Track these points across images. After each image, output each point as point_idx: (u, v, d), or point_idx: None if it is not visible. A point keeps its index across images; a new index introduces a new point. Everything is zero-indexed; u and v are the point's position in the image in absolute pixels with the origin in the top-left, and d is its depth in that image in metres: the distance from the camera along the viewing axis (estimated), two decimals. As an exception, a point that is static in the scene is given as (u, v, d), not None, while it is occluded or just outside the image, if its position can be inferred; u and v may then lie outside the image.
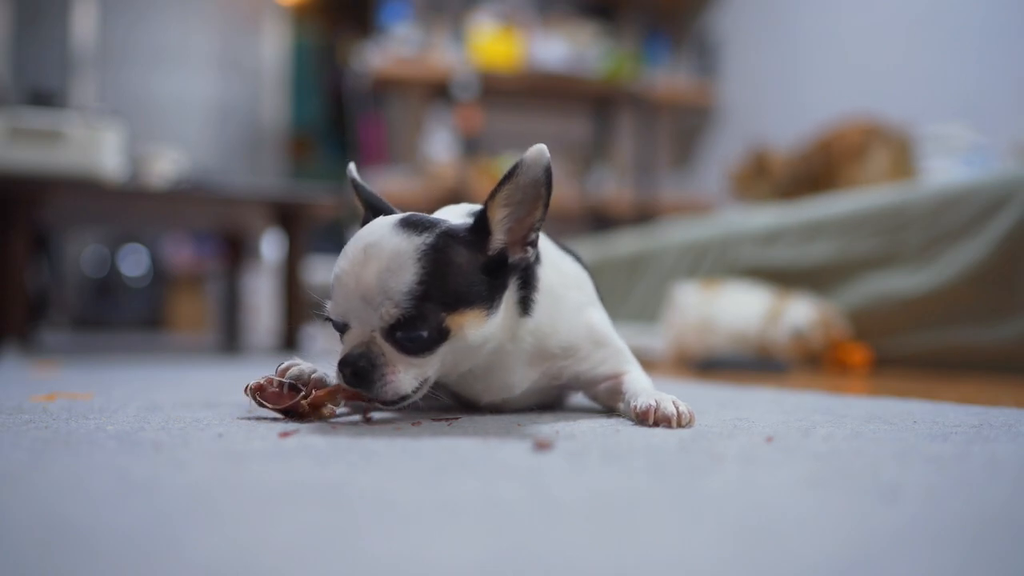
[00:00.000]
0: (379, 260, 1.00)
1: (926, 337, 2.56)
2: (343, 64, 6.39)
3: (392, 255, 1.00)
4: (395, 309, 0.99)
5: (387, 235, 1.02)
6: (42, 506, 0.63)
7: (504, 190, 1.03)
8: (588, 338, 1.20)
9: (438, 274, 1.00)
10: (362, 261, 1.01)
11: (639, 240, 4.26)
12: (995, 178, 2.48)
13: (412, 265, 0.99)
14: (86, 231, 6.30)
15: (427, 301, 0.99)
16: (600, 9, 6.31)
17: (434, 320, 1.00)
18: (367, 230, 1.05)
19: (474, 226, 1.05)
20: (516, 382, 1.17)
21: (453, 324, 1.02)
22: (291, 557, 0.50)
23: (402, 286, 0.99)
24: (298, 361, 1.15)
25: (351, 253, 1.03)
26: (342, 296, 1.03)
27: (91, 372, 2.17)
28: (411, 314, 0.99)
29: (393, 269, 0.99)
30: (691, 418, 1.09)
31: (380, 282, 0.99)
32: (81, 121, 3.21)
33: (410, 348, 1.02)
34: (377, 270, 0.99)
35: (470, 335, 1.03)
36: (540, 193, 1.03)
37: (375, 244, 1.01)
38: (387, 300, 0.99)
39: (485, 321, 1.04)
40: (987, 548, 0.55)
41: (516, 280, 1.10)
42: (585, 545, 0.54)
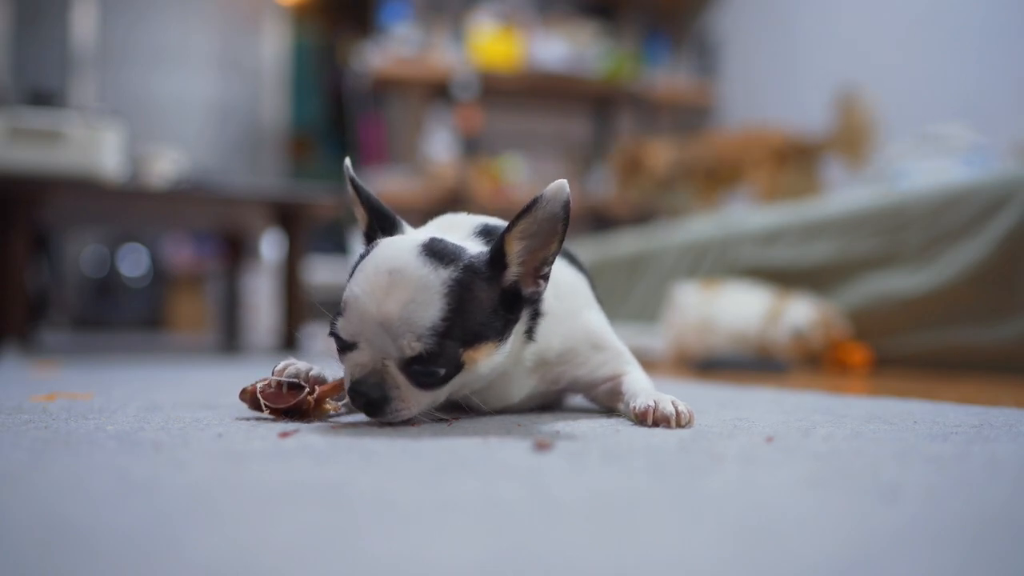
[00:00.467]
0: (404, 290, 0.96)
1: (926, 337, 2.56)
2: (343, 64, 6.39)
3: (419, 287, 0.97)
4: (417, 343, 0.96)
5: (412, 263, 0.98)
6: (42, 506, 0.63)
7: (522, 223, 1.01)
8: (586, 342, 1.20)
9: (462, 311, 0.98)
10: (385, 288, 0.97)
11: (639, 240, 4.26)
12: (995, 178, 2.48)
13: (439, 300, 0.97)
14: (86, 231, 6.30)
15: (449, 338, 0.97)
16: (600, 9, 6.31)
17: (453, 357, 0.99)
18: (389, 252, 1.01)
19: (491, 258, 1.03)
20: (515, 393, 1.17)
21: (468, 359, 1.01)
22: (291, 557, 0.50)
23: (427, 321, 0.96)
24: (293, 360, 1.15)
25: (372, 276, 0.99)
26: (358, 318, 0.98)
27: (91, 372, 2.17)
28: (433, 351, 0.97)
29: (419, 302, 0.96)
30: (691, 418, 1.09)
31: (405, 314, 0.96)
32: (81, 121, 3.21)
33: (424, 383, 1.00)
34: (402, 301, 0.96)
35: (482, 367, 1.03)
36: (557, 229, 1.01)
37: (400, 271, 0.97)
38: (409, 333, 0.96)
39: (496, 353, 1.04)
40: (987, 548, 0.55)
41: (526, 313, 1.09)
42: (585, 545, 0.54)
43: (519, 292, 1.05)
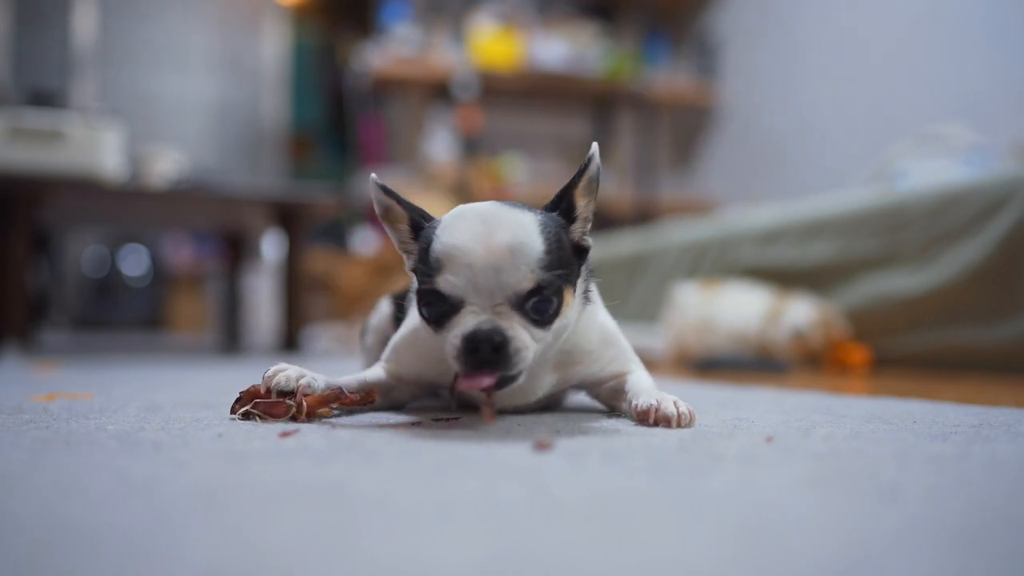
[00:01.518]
0: (506, 230, 0.98)
1: (926, 337, 2.56)
2: (343, 64, 6.39)
3: (518, 225, 0.99)
4: (532, 274, 0.98)
5: (500, 210, 1.01)
6: (42, 506, 0.63)
7: (583, 180, 1.07)
8: (602, 340, 1.21)
9: (557, 246, 1.02)
10: (486, 233, 0.98)
11: (639, 240, 4.26)
12: (995, 178, 2.48)
13: (539, 235, 1.00)
14: (86, 231, 6.30)
15: (554, 269, 1.00)
16: (600, 9, 6.31)
17: (560, 290, 1.01)
18: (468, 210, 1.03)
19: (560, 211, 1.07)
20: (539, 387, 1.17)
21: (567, 298, 1.03)
22: (291, 557, 0.50)
23: (535, 253, 0.98)
24: (284, 366, 1.14)
25: (467, 227, 0.99)
26: (465, 269, 0.97)
27: (91, 372, 2.17)
28: (546, 281, 0.99)
29: (523, 240, 0.98)
30: (691, 418, 1.09)
31: (512, 252, 0.97)
32: (81, 121, 3.21)
33: (538, 319, 1.00)
34: (506, 241, 0.98)
35: (569, 313, 1.05)
36: (594, 187, 1.08)
37: (494, 216, 1.00)
38: (523, 266, 0.97)
39: (573, 302, 1.07)
40: (987, 548, 0.55)
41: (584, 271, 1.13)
42: (585, 545, 0.54)
43: (582, 244, 1.09)
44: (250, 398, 1.11)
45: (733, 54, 5.84)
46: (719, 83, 5.95)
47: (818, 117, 5.00)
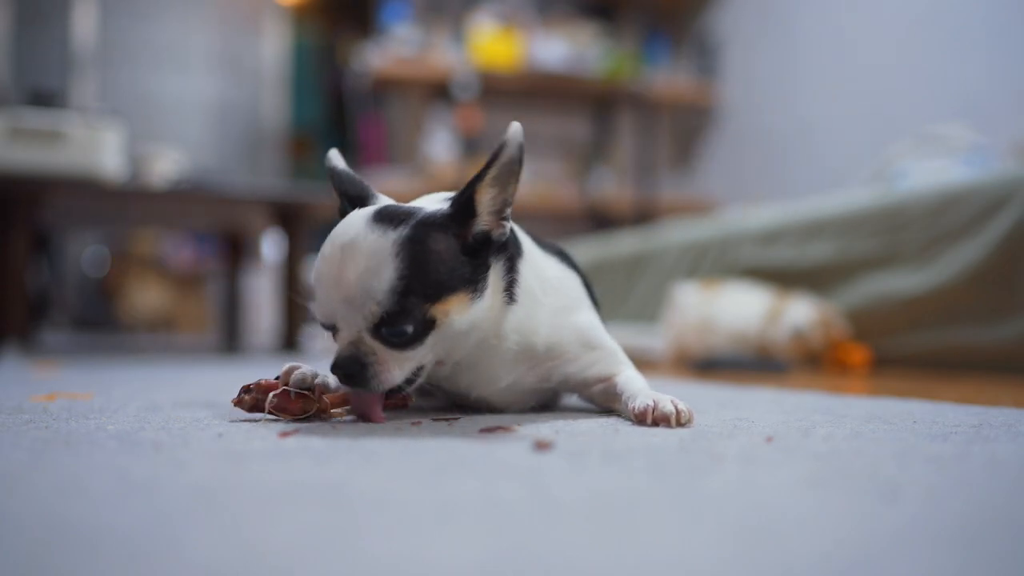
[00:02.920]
0: (357, 261, 0.99)
1: (926, 337, 2.55)
2: (343, 64, 6.39)
3: (370, 254, 0.99)
4: (377, 307, 0.99)
5: (362, 232, 1.01)
6: (42, 506, 0.63)
7: (492, 171, 1.04)
8: (576, 341, 1.20)
9: (418, 266, 1.00)
10: (339, 262, 1.00)
11: (639, 240, 4.26)
12: (995, 178, 2.48)
13: (391, 261, 0.99)
14: (86, 231, 6.30)
15: (409, 295, 0.99)
16: (600, 9, 6.31)
17: (418, 313, 1.00)
18: (342, 228, 1.04)
19: (457, 209, 1.05)
20: (502, 375, 1.17)
21: (438, 313, 1.02)
22: (291, 557, 0.50)
23: (383, 284, 0.99)
24: (299, 365, 1.15)
25: (328, 254, 1.03)
26: (324, 298, 1.03)
27: (91, 372, 2.17)
28: (394, 310, 0.99)
29: (372, 268, 0.99)
30: (690, 417, 1.09)
31: (361, 283, 0.99)
32: (81, 121, 3.21)
33: (397, 343, 1.02)
34: (356, 271, 0.99)
35: (456, 321, 1.04)
36: (515, 169, 1.04)
37: (351, 244, 1.01)
38: (369, 299, 0.99)
39: (470, 305, 1.05)
40: (987, 548, 0.55)
41: (502, 267, 1.10)
42: (585, 545, 0.54)
43: (488, 237, 1.06)
44: (262, 391, 1.11)
45: (733, 54, 5.84)
46: (719, 83, 5.95)
47: (818, 117, 4.99)
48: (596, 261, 4.16)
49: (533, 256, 1.18)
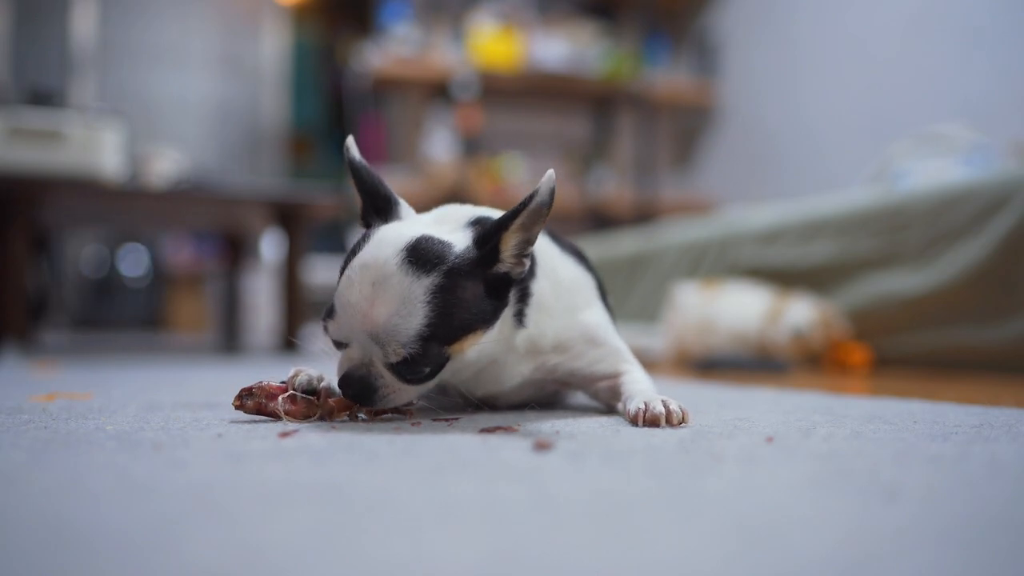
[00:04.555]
0: (388, 302, 1.00)
1: (926, 337, 2.55)
2: (343, 64, 6.39)
3: (402, 299, 1.00)
4: (402, 350, 1.00)
5: (395, 272, 1.00)
6: (42, 506, 0.63)
7: (520, 219, 1.04)
8: (581, 337, 1.21)
9: (446, 315, 1.01)
10: (370, 297, 1.01)
11: (639, 240, 4.26)
12: (995, 178, 2.47)
13: (421, 309, 1.00)
14: (86, 231, 6.29)
15: (433, 341, 1.01)
16: (600, 9, 6.31)
17: (437, 357, 1.03)
18: (372, 254, 1.03)
19: (484, 254, 1.05)
20: (508, 378, 1.19)
21: (454, 351, 1.04)
22: (291, 557, 0.50)
23: (411, 330, 1.00)
24: (304, 368, 1.15)
25: (358, 285, 1.02)
26: (347, 324, 1.03)
27: (91, 372, 2.17)
28: (417, 355, 1.01)
29: (403, 314, 1.00)
30: (684, 416, 1.09)
31: (389, 325, 1.00)
32: (81, 121, 3.21)
33: (410, 380, 1.05)
34: (387, 312, 1.00)
35: (469, 355, 1.06)
36: (542, 214, 1.04)
37: (383, 281, 1.00)
38: (394, 341, 1.00)
39: (483, 338, 1.07)
40: (987, 548, 0.55)
41: (514, 295, 1.11)
42: (585, 545, 0.54)
43: (508, 278, 1.07)
44: (265, 395, 1.10)
45: (733, 54, 5.84)
46: (719, 83, 5.95)
47: (818, 117, 4.99)
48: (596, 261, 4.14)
49: (550, 261, 1.19)
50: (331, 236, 6.00)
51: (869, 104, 4.62)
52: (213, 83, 7.03)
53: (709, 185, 6.05)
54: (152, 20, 6.87)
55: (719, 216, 4.66)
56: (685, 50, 6.28)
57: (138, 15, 6.80)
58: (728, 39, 5.89)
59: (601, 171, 6.04)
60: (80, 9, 6.43)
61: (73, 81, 6.34)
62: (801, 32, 5.18)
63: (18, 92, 5.47)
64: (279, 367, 1.17)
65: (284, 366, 1.19)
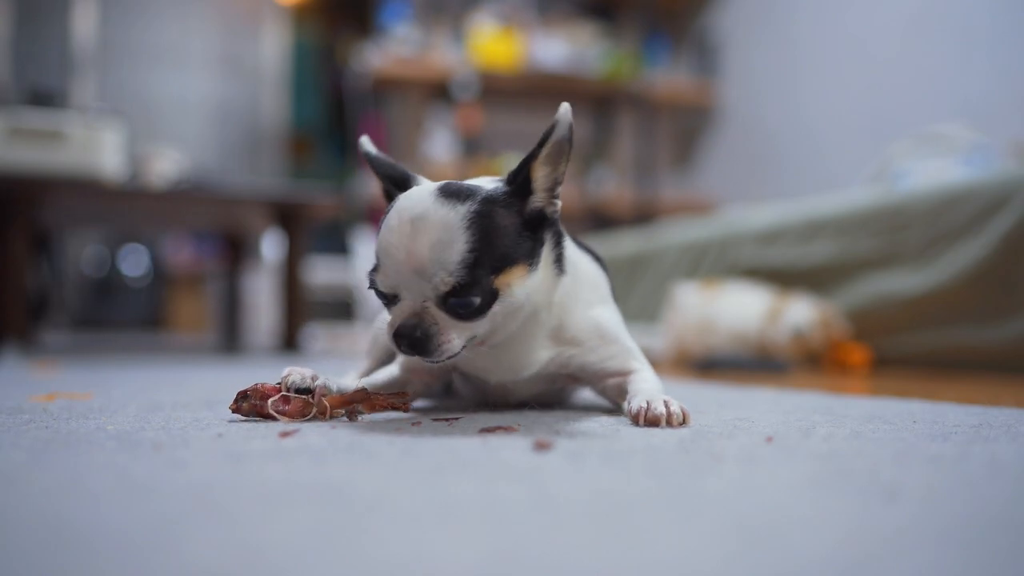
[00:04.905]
0: (429, 233, 1.01)
1: (926, 337, 2.55)
2: (343, 64, 6.39)
3: (441, 227, 1.01)
4: (450, 278, 1.01)
5: (431, 206, 1.03)
6: (42, 506, 0.63)
7: (544, 150, 1.07)
8: (595, 333, 1.22)
9: (486, 240, 1.03)
10: (411, 234, 1.02)
11: (639, 240, 4.26)
12: (995, 178, 2.48)
13: (462, 234, 1.01)
14: (86, 231, 6.30)
15: (478, 268, 1.02)
16: (600, 9, 6.31)
17: (486, 284, 1.03)
18: (408, 201, 1.06)
19: (515, 187, 1.08)
20: (529, 363, 1.19)
21: (501, 284, 1.05)
22: (291, 557, 0.50)
23: (455, 256, 1.01)
24: (297, 368, 1.15)
25: (397, 227, 1.04)
26: (393, 269, 1.04)
27: (91, 372, 2.17)
28: (465, 281, 1.01)
29: (444, 241, 1.01)
30: (684, 417, 1.09)
31: (433, 254, 1.01)
32: (81, 121, 3.21)
33: (463, 314, 1.04)
34: (429, 243, 1.01)
35: (517, 292, 1.07)
36: (564, 148, 1.07)
37: (422, 216, 1.02)
38: (441, 270, 1.01)
39: (528, 277, 1.08)
40: (987, 548, 0.55)
41: (551, 241, 1.14)
42: (585, 545, 0.54)
43: (543, 214, 1.10)
44: (260, 396, 1.11)
45: (733, 54, 5.84)
46: (719, 83, 5.95)
47: (818, 117, 4.99)
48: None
49: (570, 248, 1.23)
50: (331, 236, 6.01)
51: (869, 104, 4.62)
52: (213, 83, 7.03)
53: (709, 185, 6.05)
54: (152, 20, 6.87)
55: (719, 216, 4.67)
56: (685, 50, 6.28)
57: (138, 15, 6.80)
58: (728, 39, 5.89)
59: (601, 171, 6.04)
60: (80, 9, 6.43)
61: (73, 81, 6.35)
62: (801, 32, 5.18)
63: (18, 92, 5.48)
64: (279, 367, 1.17)
65: (284, 366, 1.18)
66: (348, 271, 5.74)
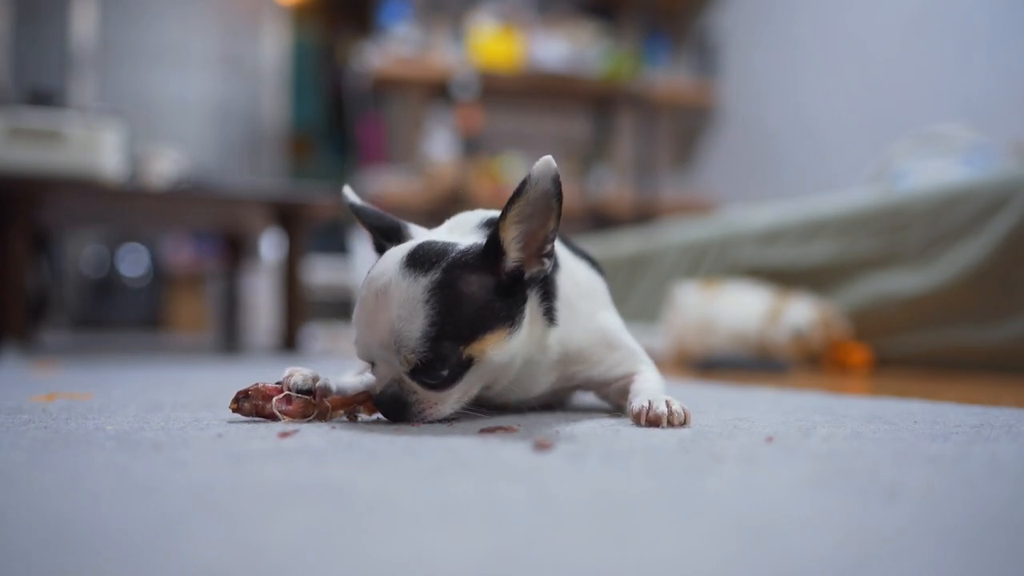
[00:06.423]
0: (390, 309, 1.01)
1: (926, 337, 2.55)
2: (343, 64, 6.39)
3: (401, 302, 1.00)
4: (412, 355, 1.00)
5: (395, 278, 1.01)
6: (42, 506, 0.63)
7: (515, 208, 1.02)
8: (601, 342, 1.21)
9: (450, 311, 1.00)
10: (374, 310, 1.02)
11: (639, 240, 4.26)
12: (995, 178, 2.48)
13: (422, 308, 1.00)
14: (86, 231, 6.29)
15: (442, 340, 1.00)
16: (600, 9, 6.31)
17: (453, 357, 1.01)
18: (378, 270, 1.05)
19: (486, 248, 1.04)
20: (535, 388, 1.19)
21: (475, 352, 1.03)
22: (291, 557, 0.50)
23: (415, 332, 0.99)
24: (299, 368, 1.14)
25: (365, 299, 1.04)
26: (363, 340, 1.05)
27: (91, 372, 2.17)
28: (428, 357, 1.00)
29: (404, 317, 1.00)
30: (685, 417, 1.08)
31: (393, 331, 1.00)
32: (81, 121, 3.21)
33: (435, 386, 1.04)
34: (389, 320, 1.01)
35: (495, 357, 1.04)
36: (551, 204, 1.02)
37: (384, 290, 1.02)
38: (403, 347, 1.00)
39: (507, 340, 1.05)
40: (987, 548, 0.55)
41: (538, 292, 1.10)
42: (585, 545, 0.54)
43: (520, 273, 1.05)
44: (262, 397, 1.11)
45: (733, 54, 5.84)
46: (719, 83, 5.95)
47: (818, 117, 5.00)
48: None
49: (565, 262, 1.20)
50: (331, 236, 6.00)
51: (869, 104, 4.62)
52: (213, 83, 7.03)
53: (709, 185, 6.05)
54: (152, 20, 6.87)
55: (719, 216, 4.66)
56: (685, 50, 6.28)
57: (138, 15, 6.80)
58: (728, 39, 5.89)
59: (601, 171, 6.04)
60: (80, 9, 6.43)
61: (73, 81, 6.34)
62: (801, 32, 5.18)
63: (18, 92, 5.47)
64: (279, 367, 1.17)
65: (284, 366, 1.18)
66: (348, 271, 5.74)
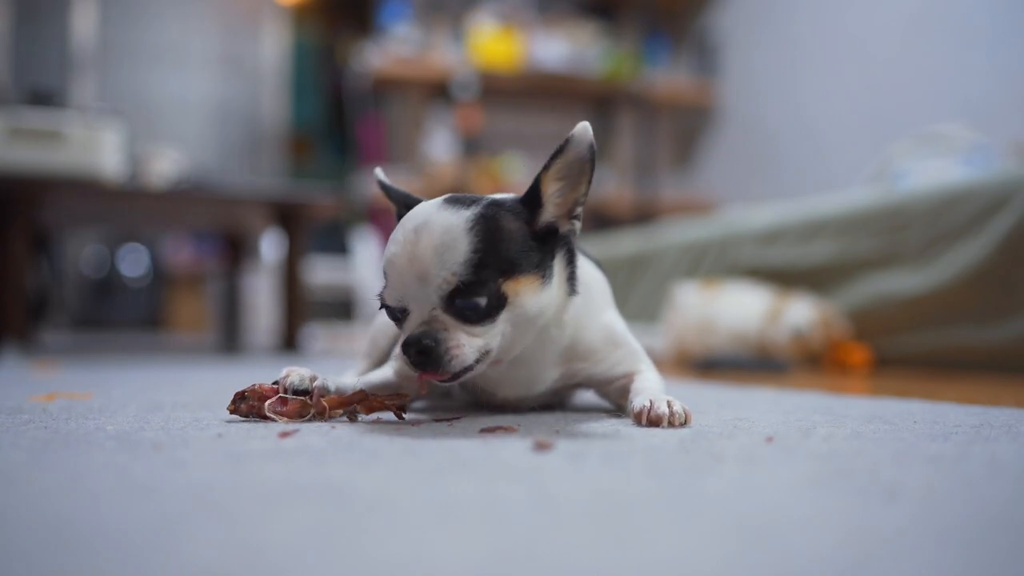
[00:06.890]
0: (431, 237, 1.01)
1: (926, 337, 2.55)
2: (343, 64, 6.39)
3: (444, 230, 1.01)
4: (453, 277, 1.00)
5: (435, 214, 1.03)
6: (42, 506, 0.63)
7: (556, 164, 1.05)
8: (606, 340, 1.22)
9: (491, 241, 1.01)
10: (414, 241, 1.02)
11: (639, 240, 4.26)
12: (995, 178, 2.48)
13: (464, 235, 1.01)
14: (86, 231, 6.29)
15: (483, 268, 1.00)
16: (600, 9, 6.31)
17: (492, 286, 1.01)
18: (413, 213, 1.06)
19: (525, 198, 1.07)
20: (540, 381, 1.19)
21: (510, 290, 1.03)
22: (291, 557, 0.50)
23: (458, 256, 1.00)
24: (296, 368, 1.14)
25: (401, 237, 1.03)
26: (397, 279, 1.03)
27: (91, 372, 2.17)
28: (469, 280, 1.00)
29: (447, 243, 1.00)
30: (686, 417, 1.08)
31: (435, 256, 1.00)
32: (81, 121, 3.21)
33: (470, 316, 1.02)
34: (431, 246, 1.00)
35: (527, 302, 1.04)
36: (585, 169, 1.06)
37: (425, 224, 1.02)
38: (444, 270, 1.00)
39: (540, 289, 1.06)
40: (987, 548, 0.55)
41: (563, 258, 1.12)
42: (585, 545, 0.54)
43: (555, 228, 1.08)
44: (257, 398, 1.11)
45: (733, 54, 5.84)
46: (719, 83, 5.95)
47: (818, 117, 5.00)
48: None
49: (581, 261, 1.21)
50: (331, 236, 6.00)
51: (869, 104, 4.62)
52: (213, 83, 7.03)
53: (709, 185, 6.05)
54: (152, 20, 6.87)
55: (719, 216, 4.66)
56: (685, 50, 6.28)
57: (138, 15, 6.80)
58: (728, 39, 5.89)
59: (601, 171, 6.04)
60: (80, 9, 6.43)
61: (73, 81, 6.34)
62: (801, 32, 5.18)
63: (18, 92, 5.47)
64: (279, 367, 1.17)
65: (284, 366, 1.18)
66: (348, 271, 5.74)
